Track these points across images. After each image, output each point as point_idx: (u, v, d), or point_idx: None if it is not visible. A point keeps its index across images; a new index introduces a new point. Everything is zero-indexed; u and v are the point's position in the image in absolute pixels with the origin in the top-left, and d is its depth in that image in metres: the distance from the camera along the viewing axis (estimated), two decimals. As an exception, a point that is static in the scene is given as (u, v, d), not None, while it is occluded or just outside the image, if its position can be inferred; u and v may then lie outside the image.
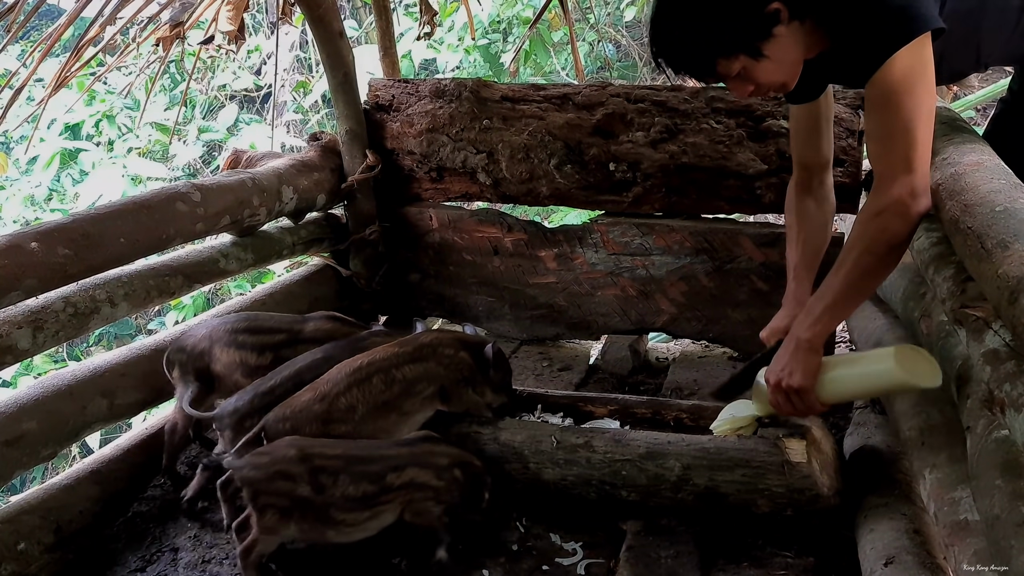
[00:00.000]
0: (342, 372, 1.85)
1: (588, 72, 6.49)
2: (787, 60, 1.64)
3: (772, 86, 1.70)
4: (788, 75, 1.68)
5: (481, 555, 1.80)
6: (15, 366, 2.91)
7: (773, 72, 1.65)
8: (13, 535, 1.81)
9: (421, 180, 2.96)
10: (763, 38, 1.59)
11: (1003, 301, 1.21)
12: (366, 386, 1.83)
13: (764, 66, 1.62)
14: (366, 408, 1.83)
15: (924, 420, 1.67)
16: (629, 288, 2.78)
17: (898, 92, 1.52)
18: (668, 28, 1.64)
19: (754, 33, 1.59)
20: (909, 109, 1.53)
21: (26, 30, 4.89)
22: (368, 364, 1.86)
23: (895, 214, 1.55)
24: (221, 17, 3.10)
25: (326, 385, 1.83)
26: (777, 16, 1.58)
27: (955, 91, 3.24)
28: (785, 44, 1.61)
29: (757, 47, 1.60)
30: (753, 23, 1.58)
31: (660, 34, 1.66)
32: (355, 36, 6.50)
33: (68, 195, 5.86)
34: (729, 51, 1.61)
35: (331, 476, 1.66)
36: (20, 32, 2.94)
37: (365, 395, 1.83)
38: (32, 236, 1.87)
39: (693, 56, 1.65)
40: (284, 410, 1.80)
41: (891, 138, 1.55)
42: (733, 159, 2.59)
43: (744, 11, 1.57)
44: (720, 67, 1.64)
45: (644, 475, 1.83)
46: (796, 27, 1.61)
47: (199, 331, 2.15)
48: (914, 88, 1.52)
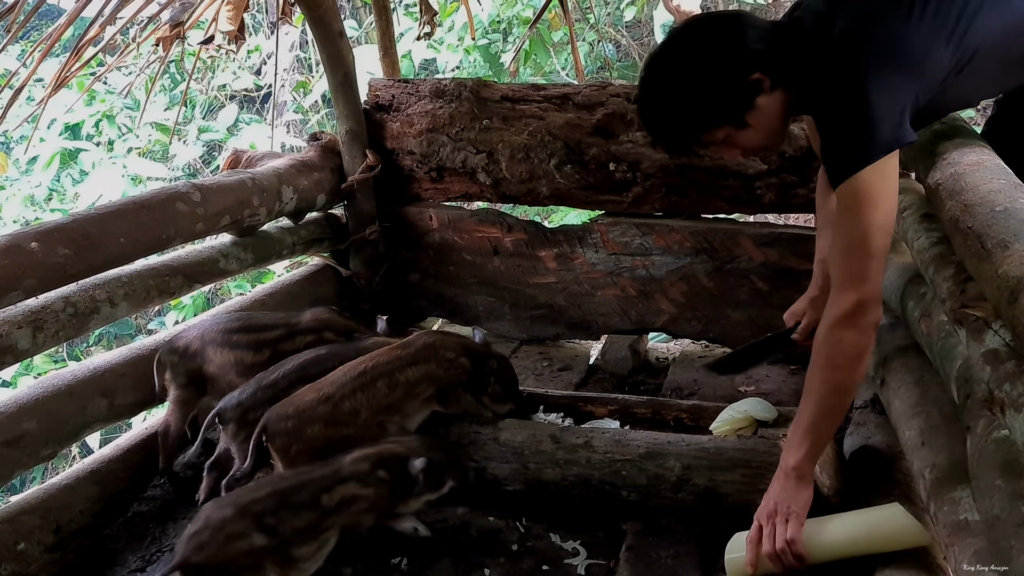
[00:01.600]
0: (347, 375, 1.84)
1: (588, 72, 6.49)
2: (770, 127, 1.66)
3: (758, 150, 1.74)
4: (773, 139, 1.72)
5: (481, 555, 1.80)
6: (15, 366, 2.91)
7: (758, 138, 1.67)
8: (13, 535, 1.81)
9: (421, 180, 2.96)
10: (746, 109, 1.61)
11: (1003, 301, 1.21)
12: (370, 390, 1.83)
13: (748, 133, 1.65)
14: (370, 412, 1.83)
15: (924, 420, 1.67)
16: (629, 288, 2.78)
17: (860, 204, 1.54)
18: (652, 110, 1.67)
19: (737, 104, 1.61)
20: (868, 222, 1.54)
21: (26, 30, 4.89)
22: (372, 368, 1.86)
23: (848, 326, 1.56)
24: (221, 17, 3.10)
25: (330, 387, 1.82)
26: (759, 86, 1.59)
27: (955, 91, 3.23)
28: (768, 112, 1.63)
29: (740, 117, 1.62)
30: (735, 95, 1.60)
31: (646, 117, 1.69)
32: (355, 36, 6.50)
33: (68, 195, 5.85)
34: (712, 125, 1.63)
35: (274, 515, 1.60)
36: (20, 32, 2.94)
37: (369, 399, 1.83)
38: (32, 236, 1.88)
39: (678, 135, 1.68)
40: (286, 408, 1.79)
41: (847, 249, 1.57)
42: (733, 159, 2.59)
43: (726, 84, 1.59)
44: (705, 137, 1.66)
45: (644, 475, 1.83)
46: (779, 94, 1.62)
47: (190, 333, 2.14)
48: (874, 200, 1.53)
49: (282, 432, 1.76)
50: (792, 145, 2.56)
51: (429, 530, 1.79)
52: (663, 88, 1.64)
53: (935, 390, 1.72)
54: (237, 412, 1.88)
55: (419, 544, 1.83)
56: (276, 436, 1.76)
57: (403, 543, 1.83)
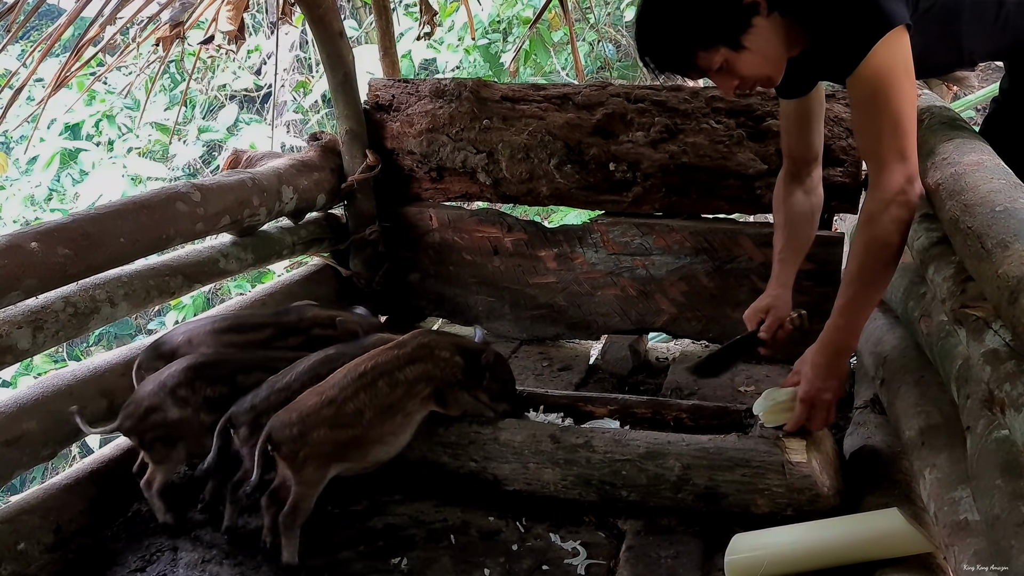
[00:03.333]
0: (347, 377, 1.83)
1: (588, 72, 6.48)
2: (768, 53, 1.67)
3: (756, 79, 1.72)
4: (772, 69, 1.71)
5: (481, 555, 1.80)
6: (15, 366, 2.91)
7: (755, 65, 1.68)
8: (13, 535, 1.80)
9: (421, 180, 2.96)
10: (742, 29, 1.63)
11: (1003, 301, 1.21)
12: (372, 390, 1.82)
13: (745, 58, 1.66)
14: (373, 412, 1.82)
15: (924, 420, 1.67)
16: (629, 288, 2.78)
17: (882, 87, 1.57)
18: (650, 24, 1.69)
19: (733, 24, 1.63)
20: (896, 102, 1.57)
21: (26, 30, 4.89)
22: (372, 368, 1.85)
23: (900, 204, 1.60)
24: (221, 17, 3.10)
25: (332, 390, 1.81)
26: (755, 7, 1.62)
27: (955, 91, 3.23)
28: (765, 36, 1.64)
29: (737, 38, 1.63)
30: (732, 13, 1.62)
31: (643, 32, 1.71)
32: (355, 36, 6.49)
33: (68, 195, 5.85)
34: (709, 43, 1.65)
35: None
36: (20, 32, 2.94)
37: (372, 399, 1.82)
38: (32, 236, 1.87)
39: (674, 50, 1.69)
40: (290, 414, 1.77)
41: (881, 132, 1.60)
42: (733, 159, 2.59)
43: (722, 2, 1.61)
44: (701, 60, 1.67)
45: (644, 475, 1.83)
46: (776, 20, 1.64)
47: (176, 337, 2.11)
48: (897, 80, 1.56)
49: (288, 439, 1.74)
50: (792, 145, 2.56)
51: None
52: (660, 7, 1.67)
53: (935, 390, 1.72)
54: (249, 416, 1.85)
55: (419, 544, 1.83)
56: (282, 444, 1.74)
57: (403, 543, 1.83)
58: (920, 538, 1.52)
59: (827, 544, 1.61)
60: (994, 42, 1.92)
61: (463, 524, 1.90)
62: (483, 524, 1.89)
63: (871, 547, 1.57)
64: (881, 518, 1.59)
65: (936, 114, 2.05)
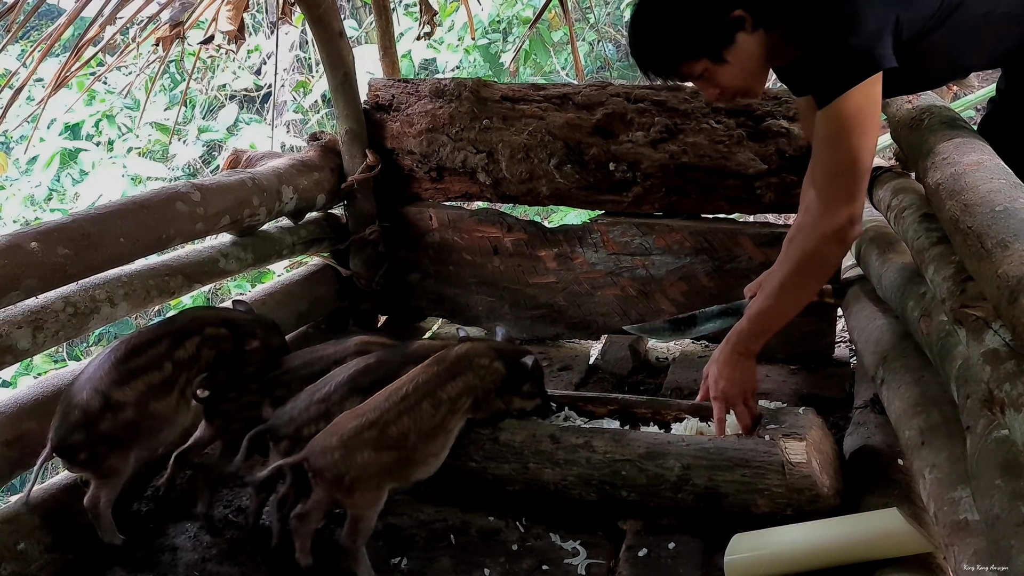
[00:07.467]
0: (389, 400, 1.77)
1: (588, 72, 6.49)
2: (750, 67, 1.72)
3: (736, 91, 1.78)
4: (752, 81, 1.77)
5: (481, 555, 1.80)
6: (15, 366, 2.91)
7: (736, 77, 1.73)
8: (13, 535, 1.80)
9: (421, 180, 2.96)
10: (725, 44, 1.67)
11: (1003, 301, 1.21)
12: (416, 412, 1.77)
13: (726, 70, 1.71)
14: (418, 436, 1.76)
15: (924, 420, 1.67)
16: (629, 288, 2.78)
17: (848, 128, 1.62)
18: (639, 29, 1.75)
19: (716, 38, 1.67)
20: (857, 146, 1.63)
21: (26, 30, 4.89)
22: (415, 390, 1.79)
23: (837, 241, 1.71)
24: (221, 17, 3.10)
25: (373, 412, 1.74)
26: (740, 23, 1.66)
27: (955, 91, 3.23)
28: (748, 51, 1.69)
29: (719, 52, 1.68)
30: (716, 28, 1.66)
31: (633, 34, 1.77)
32: (355, 36, 6.49)
33: (68, 195, 5.85)
34: (692, 54, 1.70)
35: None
36: (20, 32, 2.94)
37: (417, 422, 1.76)
38: (32, 236, 1.87)
39: (659, 56, 1.75)
40: (330, 439, 1.70)
41: (838, 170, 1.67)
42: (733, 159, 2.59)
43: (707, 16, 1.66)
44: (684, 68, 1.73)
45: (644, 475, 1.83)
46: (761, 36, 1.68)
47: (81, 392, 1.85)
48: (863, 125, 1.62)
49: (330, 464, 1.67)
50: (792, 145, 2.56)
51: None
52: (650, 14, 1.73)
53: (935, 390, 1.72)
54: (290, 429, 1.80)
55: (419, 544, 1.83)
56: (325, 470, 1.68)
57: (403, 543, 1.83)
58: (920, 538, 1.52)
59: (827, 544, 1.60)
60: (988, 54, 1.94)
61: (463, 524, 1.90)
62: (483, 524, 1.89)
63: (871, 547, 1.57)
64: (881, 518, 1.59)
65: (936, 114, 2.05)
